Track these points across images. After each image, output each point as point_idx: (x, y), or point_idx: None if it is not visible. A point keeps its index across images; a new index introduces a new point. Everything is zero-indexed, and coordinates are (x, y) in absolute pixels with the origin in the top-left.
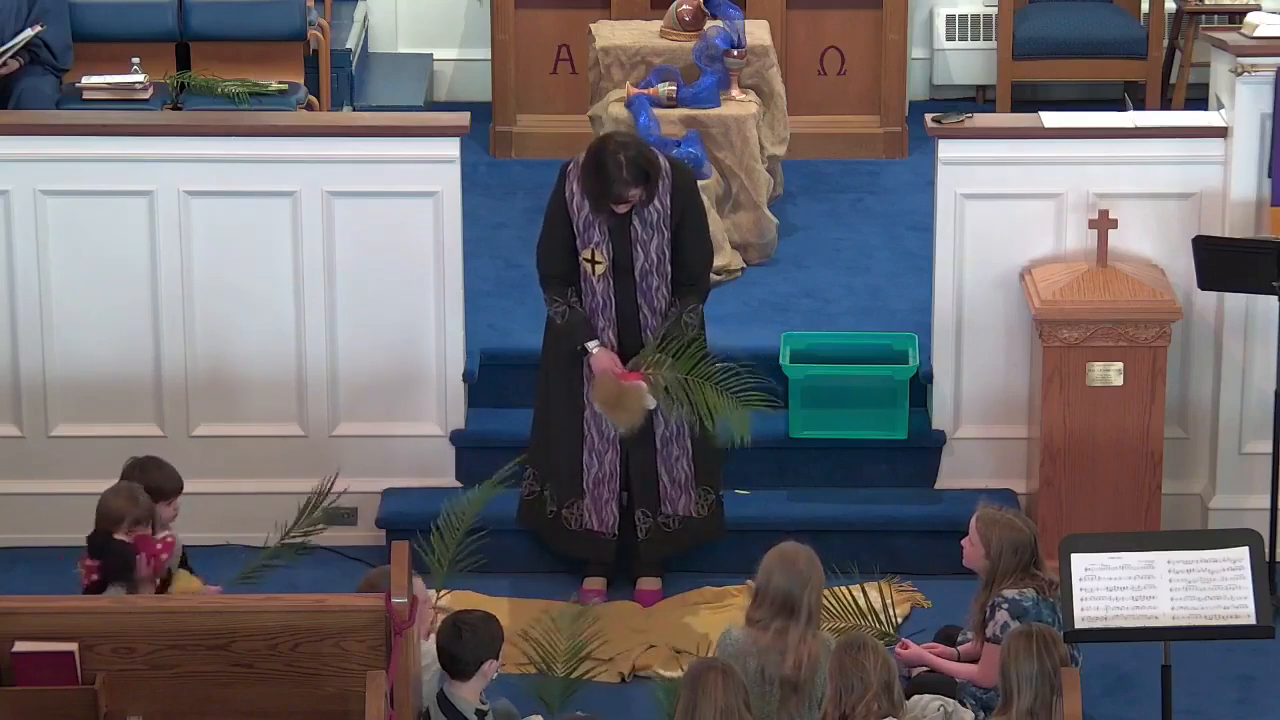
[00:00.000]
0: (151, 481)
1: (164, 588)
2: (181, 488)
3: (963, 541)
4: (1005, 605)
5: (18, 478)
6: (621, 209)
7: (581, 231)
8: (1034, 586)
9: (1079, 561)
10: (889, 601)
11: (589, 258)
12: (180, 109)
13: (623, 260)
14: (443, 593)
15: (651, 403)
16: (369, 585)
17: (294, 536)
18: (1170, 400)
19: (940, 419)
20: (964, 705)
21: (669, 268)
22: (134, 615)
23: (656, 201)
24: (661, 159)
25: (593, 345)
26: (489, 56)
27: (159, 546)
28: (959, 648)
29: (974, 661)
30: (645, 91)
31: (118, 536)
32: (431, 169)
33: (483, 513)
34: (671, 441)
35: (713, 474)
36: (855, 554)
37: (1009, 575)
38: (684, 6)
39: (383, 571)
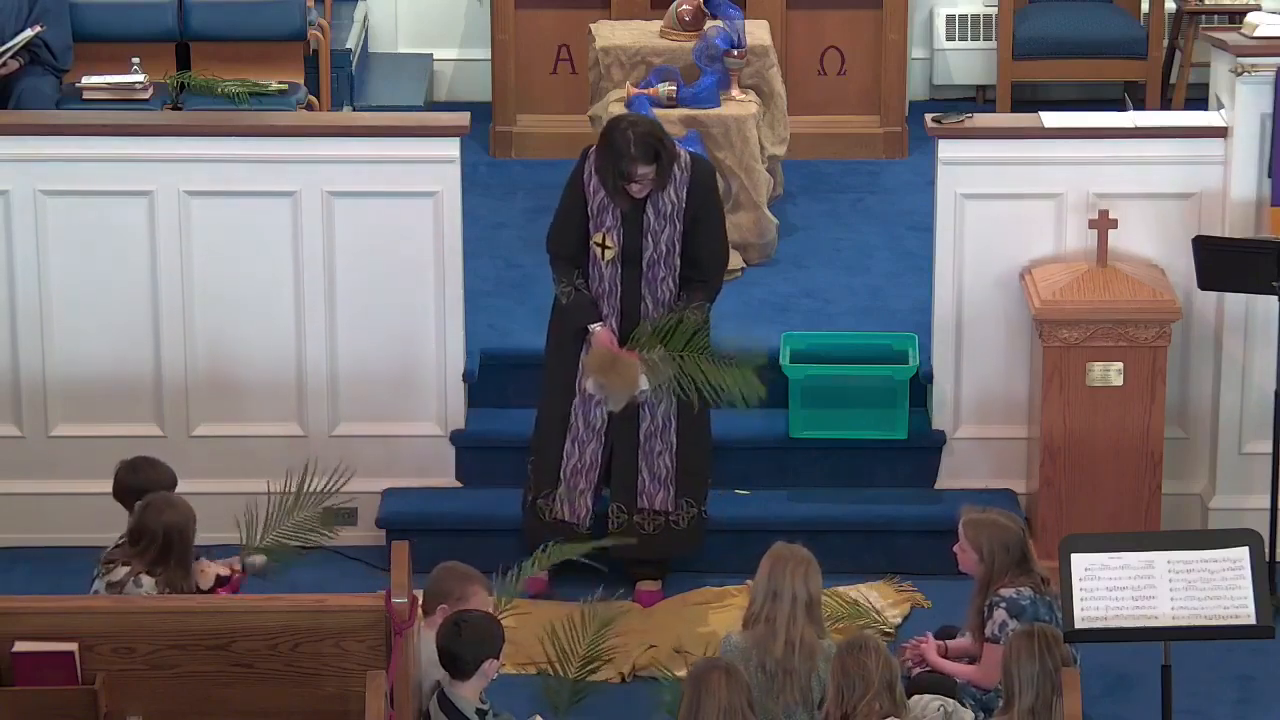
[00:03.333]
0: (145, 480)
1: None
2: (175, 481)
3: (954, 549)
4: (1003, 604)
5: (18, 478)
6: (635, 190)
7: (595, 215)
8: (1030, 584)
9: (1079, 561)
10: (885, 602)
11: (599, 242)
12: (180, 109)
13: (632, 248)
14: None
15: (645, 383)
16: (436, 588)
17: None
18: (1170, 400)
19: (940, 419)
20: (964, 705)
21: (678, 261)
22: (134, 615)
23: (672, 193)
24: (683, 153)
25: (595, 326)
26: (489, 56)
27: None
28: (948, 641)
29: (965, 656)
30: (645, 91)
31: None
32: (431, 169)
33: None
34: (655, 436)
35: (697, 483)
36: (855, 554)
37: (1004, 574)
38: (684, 6)
39: (460, 574)
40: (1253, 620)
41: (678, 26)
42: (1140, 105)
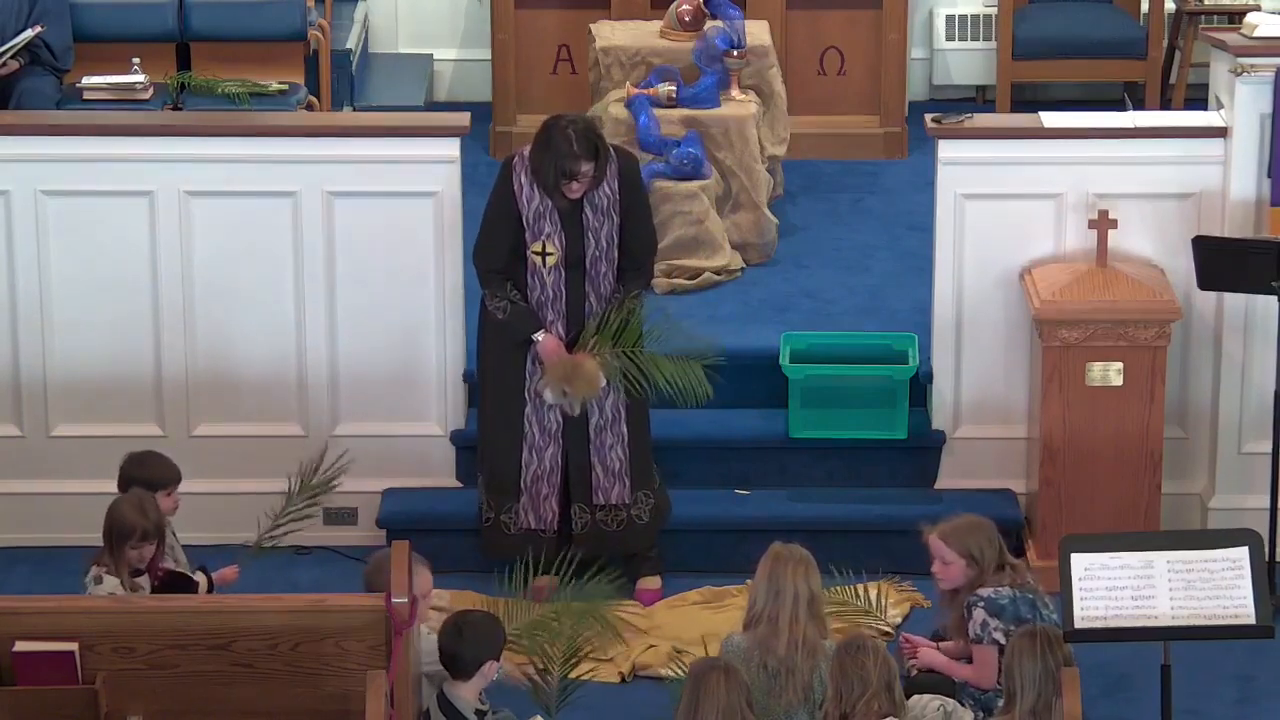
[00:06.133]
0: (150, 474)
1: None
2: (179, 478)
3: (933, 570)
4: (981, 604)
5: (18, 478)
6: (574, 189)
7: (532, 223)
8: (1008, 581)
9: (1079, 561)
10: (885, 602)
11: (539, 250)
12: (180, 109)
13: (574, 250)
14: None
15: (603, 380)
16: (375, 571)
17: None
18: (1170, 400)
19: (940, 419)
20: (963, 705)
21: (616, 254)
22: (134, 615)
23: (605, 187)
24: (608, 145)
25: (539, 335)
26: (489, 56)
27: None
28: (941, 643)
29: (960, 658)
30: (645, 91)
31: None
32: (431, 169)
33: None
34: (606, 429)
35: (648, 472)
36: (855, 554)
37: (992, 570)
38: (684, 6)
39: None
40: (1253, 620)
41: (678, 26)
42: (1140, 105)
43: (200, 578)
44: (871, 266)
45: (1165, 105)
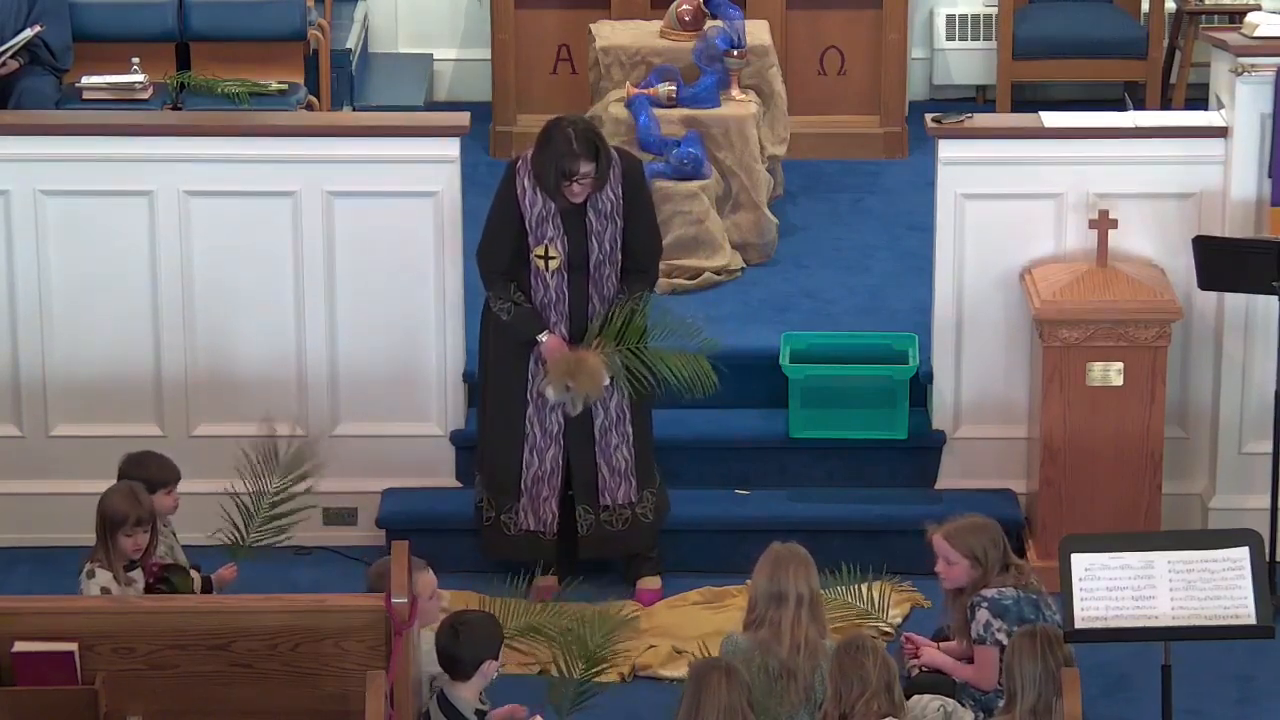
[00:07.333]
0: (149, 473)
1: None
2: (179, 477)
3: (936, 569)
4: (985, 604)
5: (18, 478)
6: (576, 193)
7: (535, 227)
8: (1012, 582)
9: (1079, 561)
10: (888, 601)
11: (542, 254)
12: (180, 109)
13: (577, 253)
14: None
15: (606, 377)
16: (377, 576)
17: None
18: (1170, 400)
19: (940, 419)
20: (964, 705)
21: (620, 257)
22: (134, 615)
23: (609, 190)
24: (611, 150)
25: (543, 336)
26: (489, 56)
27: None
28: (940, 644)
29: (961, 659)
30: (645, 91)
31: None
32: (431, 169)
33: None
34: (610, 430)
35: (651, 471)
36: (855, 554)
37: (995, 570)
38: (684, 6)
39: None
40: (1253, 620)
41: (678, 26)
42: (1140, 105)
43: (195, 576)
44: (871, 266)
45: (1165, 105)
